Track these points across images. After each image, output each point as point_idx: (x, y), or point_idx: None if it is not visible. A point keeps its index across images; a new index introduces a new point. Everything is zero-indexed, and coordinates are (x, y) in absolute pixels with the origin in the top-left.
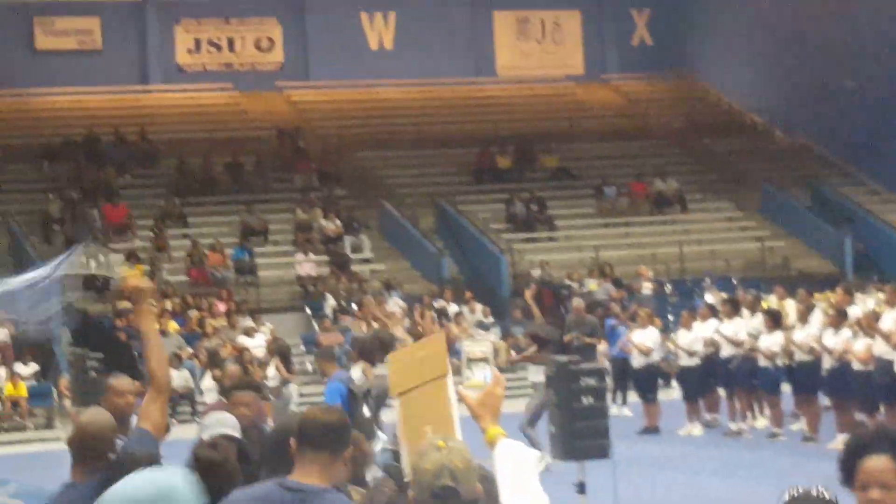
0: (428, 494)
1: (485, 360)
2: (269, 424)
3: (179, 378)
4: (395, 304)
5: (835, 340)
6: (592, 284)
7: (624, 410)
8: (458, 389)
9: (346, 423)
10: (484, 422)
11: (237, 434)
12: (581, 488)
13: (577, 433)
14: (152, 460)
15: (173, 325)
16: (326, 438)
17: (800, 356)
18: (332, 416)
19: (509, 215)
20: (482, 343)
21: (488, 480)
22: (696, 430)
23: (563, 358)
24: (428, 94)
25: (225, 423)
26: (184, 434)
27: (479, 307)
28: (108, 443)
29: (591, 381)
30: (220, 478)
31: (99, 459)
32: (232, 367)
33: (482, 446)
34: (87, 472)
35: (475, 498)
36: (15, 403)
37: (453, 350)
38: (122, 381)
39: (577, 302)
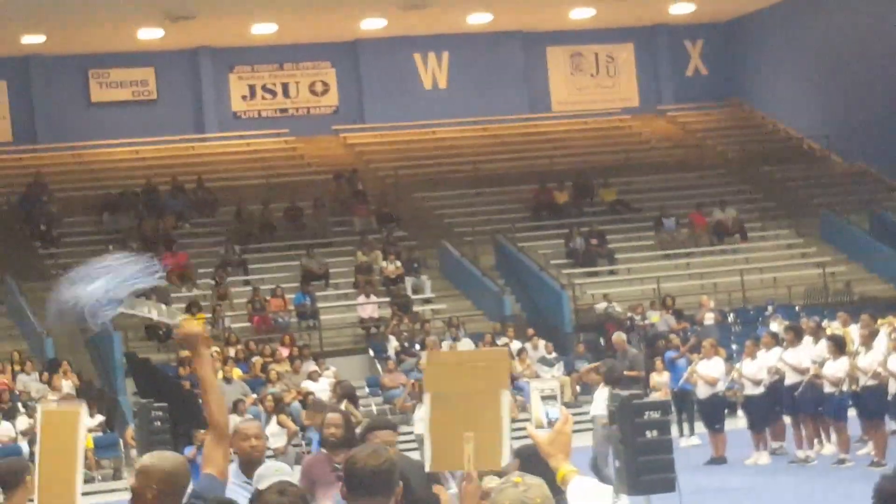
0: None
1: (552, 397)
2: None
3: None
4: (465, 345)
5: None
6: (654, 316)
7: (693, 440)
8: (528, 430)
9: (393, 463)
10: (555, 460)
11: (295, 482)
12: None
13: (642, 467)
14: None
15: (237, 372)
16: (378, 482)
17: (865, 381)
18: (379, 459)
19: (569, 250)
20: (549, 381)
21: None
22: (763, 458)
23: (625, 392)
24: (483, 131)
25: (283, 472)
26: None
27: (541, 343)
28: (178, 485)
29: (655, 415)
30: None
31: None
32: (333, 416)
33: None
34: None
35: None
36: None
37: (517, 387)
38: (248, 425)
39: (618, 336)
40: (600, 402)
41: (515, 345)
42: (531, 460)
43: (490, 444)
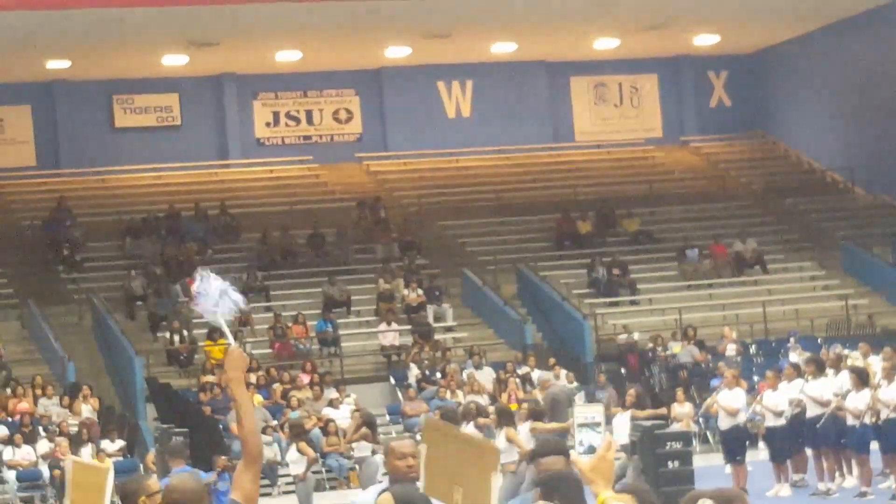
0: None
1: (596, 424)
2: None
3: (268, 450)
4: (487, 374)
5: None
6: (676, 347)
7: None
8: (573, 457)
9: None
10: (596, 486)
11: None
12: None
13: (664, 498)
14: None
15: (258, 398)
16: None
17: (887, 414)
18: None
19: (591, 280)
20: (595, 407)
21: None
22: (785, 490)
23: (647, 422)
24: (507, 160)
25: None
26: None
27: (563, 373)
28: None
29: (677, 446)
30: None
31: None
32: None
33: None
34: None
35: None
36: None
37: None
38: (403, 443)
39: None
40: (619, 428)
41: (536, 374)
42: (552, 488)
43: (477, 501)
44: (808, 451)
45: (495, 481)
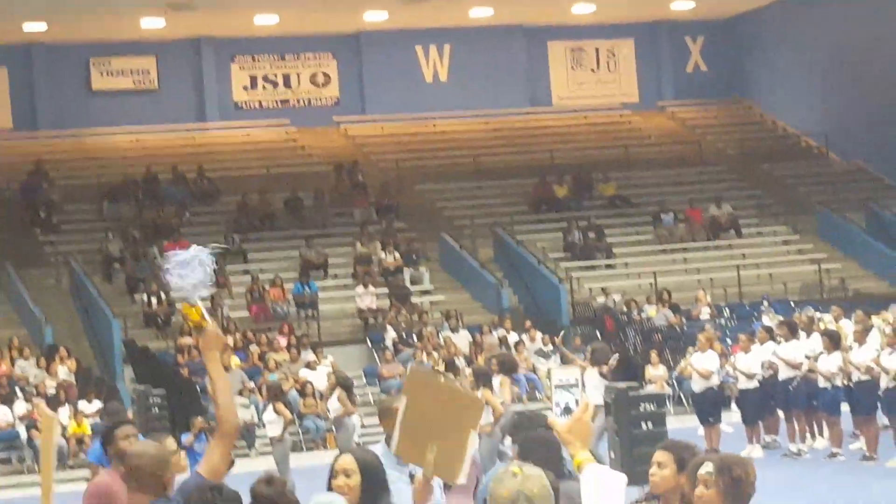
0: None
1: (573, 385)
2: None
3: (245, 412)
4: (463, 337)
5: (892, 360)
6: (651, 311)
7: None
8: (549, 419)
9: None
10: (573, 447)
11: None
12: None
13: (638, 459)
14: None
15: (235, 361)
16: None
17: (858, 376)
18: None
19: (567, 244)
20: (571, 370)
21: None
22: (756, 452)
23: (621, 384)
24: (484, 125)
25: None
26: (243, 468)
27: (538, 336)
28: (154, 476)
29: (651, 407)
30: None
31: (146, 491)
32: None
33: None
34: (137, 501)
35: None
36: (79, 441)
37: (514, 379)
38: None
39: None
40: (590, 388)
41: (513, 337)
42: (528, 449)
43: (451, 460)
44: (780, 413)
45: (472, 439)
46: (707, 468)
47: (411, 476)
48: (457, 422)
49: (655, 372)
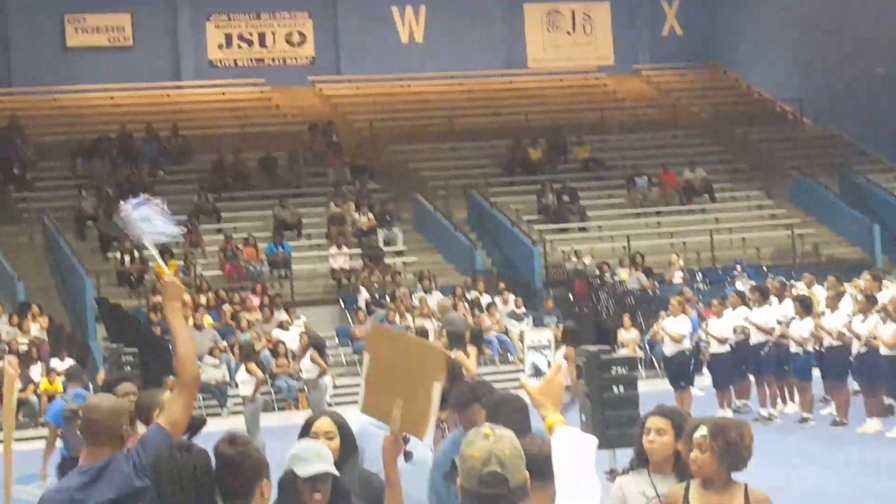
0: (475, 481)
1: (545, 347)
2: None
3: (217, 372)
4: (436, 298)
5: (863, 326)
6: (624, 274)
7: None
8: (520, 379)
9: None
10: (545, 409)
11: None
12: (613, 476)
13: (609, 422)
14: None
15: (208, 320)
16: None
17: (829, 342)
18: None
19: (541, 206)
20: (544, 332)
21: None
22: (728, 416)
23: (593, 348)
24: (459, 86)
25: (323, 457)
26: (215, 427)
27: (511, 298)
28: (110, 428)
29: (622, 371)
30: (237, 476)
31: (102, 445)
32: None
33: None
34: (92, 457)
35: (522, 484)
36: (51, 398)
37: (486, 341)
38: None
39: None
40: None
41: (485, 299)
42: (497, 411)
43: (417, 416)
44: (751, 378)
45: (437, 391)
46: (701, 431)
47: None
48: (421, 375)
49: (627, 335)
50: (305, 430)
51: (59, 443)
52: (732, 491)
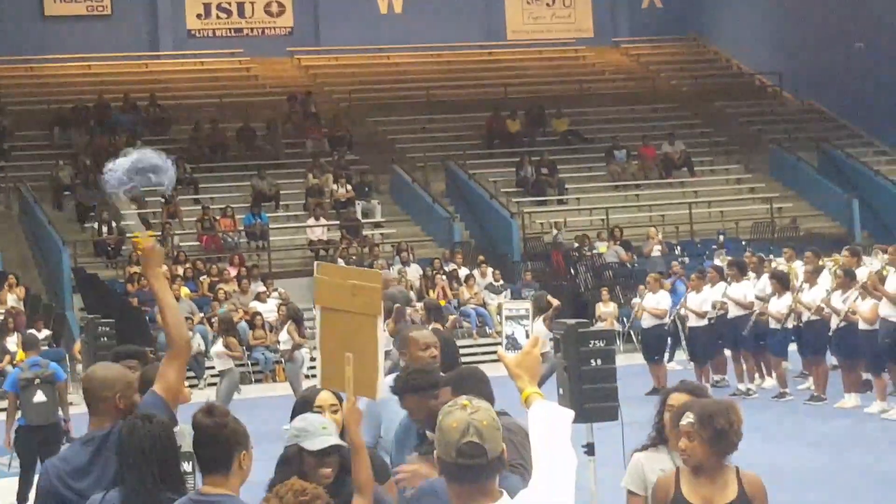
0: (453, 452)
1: (523, 317)
2: None
3: (193, 342)
4: (415, 271)
5: (842, 301)
6: (602, 247)
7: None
8: (498, 351)
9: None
10: (521, 381)
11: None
12: (590, 450)
13: (586, 396)
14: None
15: (185, 291)
16: None
17: (807, 317)
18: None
19: (519, 179)
20: (523, 302)
21: (514, 432)
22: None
23: (571, 321)
24: (438, 58)
25: (329, 431)
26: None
27: (489, 271)
28: (103, 397)
29: (600, 344)
30: (215, 446)
31: (99, 414)
32: (426, 335)
33: None
34: (97, 424)
35: (500, 455)
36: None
37: (463, 313)
38: (424, 334)
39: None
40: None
41: (463, 271)
42: (461, 386)
43: (366, 370)
44: (728, 353)
45: (379, 331)
46: (689, 419)
47: None
48: (364, 311)
49: (606, 309)
50: (304, 406)
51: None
52: (725, 475)
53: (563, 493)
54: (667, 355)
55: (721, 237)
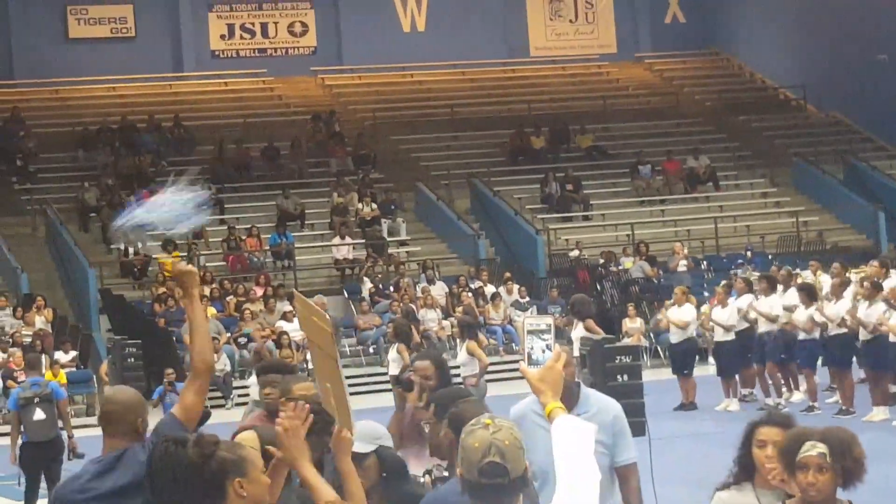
0: (476, 471)
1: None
2: None
3: (219, 363)
4: (440, 288)
5: (869, 313)
6: (628, 263)
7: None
8: (520, 366)
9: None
10: (545, 397)
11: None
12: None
13: None
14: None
15: (211, 311)
16: None
17: (834, 330)
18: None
19: (544, 195)
20: (544, 317)
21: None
22: (734, 405)
23: (597, 337)
24: (461, 75)
25: (361, 437)
26: (219, 419)
27: (515, 288)
28: (124, 420)
29: (626, 360)
30: (201, 479)
31: (116, 435)
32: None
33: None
34: (112, 446)
35: (523, 474)
36: None
37: (490, 331)
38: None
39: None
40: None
41: (489, 289)
42: (444, 406)
43: (338, 399)
44: (756, 366)
45: (338, 373)
46: (819, 448)
47: None
48: (327, 348)
49: (632, 325)
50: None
51: None
52: None
53: None
54: None
55: (749, 252)
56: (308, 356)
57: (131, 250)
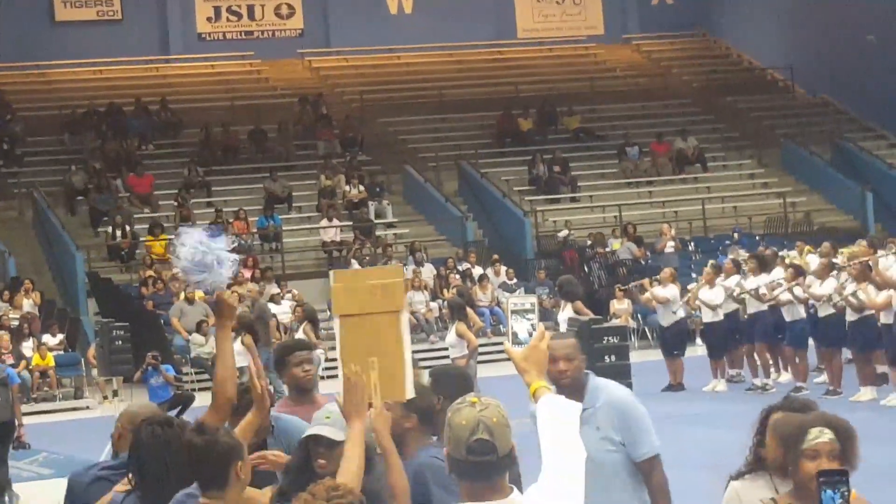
0: (463, 449)
1: (529, 311)
2: None
3: (206, 346)
4: (428, 270)
5: (857, 293)
6: (615, 244)
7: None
8: (504, 346)
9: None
10: (528, 376)
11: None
12: None
13: None
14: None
15: (199, 294)
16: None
17: (822, 310)
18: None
19: (532, 177)
20: (528, 297)
21: None
22: (721, 386)
23: (585, 318)
24: (449, 57)
25: (331, 423)
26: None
27: (503, 269)
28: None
29: (614, 340)
30: (207, 463)
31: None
32: None
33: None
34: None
35: (510, 452)
36: (43, 374)
37: (478, 312)
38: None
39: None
40: (562, 323)
41: (477, 270)
42: (442, 381)
43: (393, 371)
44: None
45: (404, 326)
46: (829, 435)
47: None
48: (387, 319)
49: (620, 306)
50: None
51: None
52: None
53: (573, 487)
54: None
55: (736, 234)
56: (298, 337)
57: (118, 233)
